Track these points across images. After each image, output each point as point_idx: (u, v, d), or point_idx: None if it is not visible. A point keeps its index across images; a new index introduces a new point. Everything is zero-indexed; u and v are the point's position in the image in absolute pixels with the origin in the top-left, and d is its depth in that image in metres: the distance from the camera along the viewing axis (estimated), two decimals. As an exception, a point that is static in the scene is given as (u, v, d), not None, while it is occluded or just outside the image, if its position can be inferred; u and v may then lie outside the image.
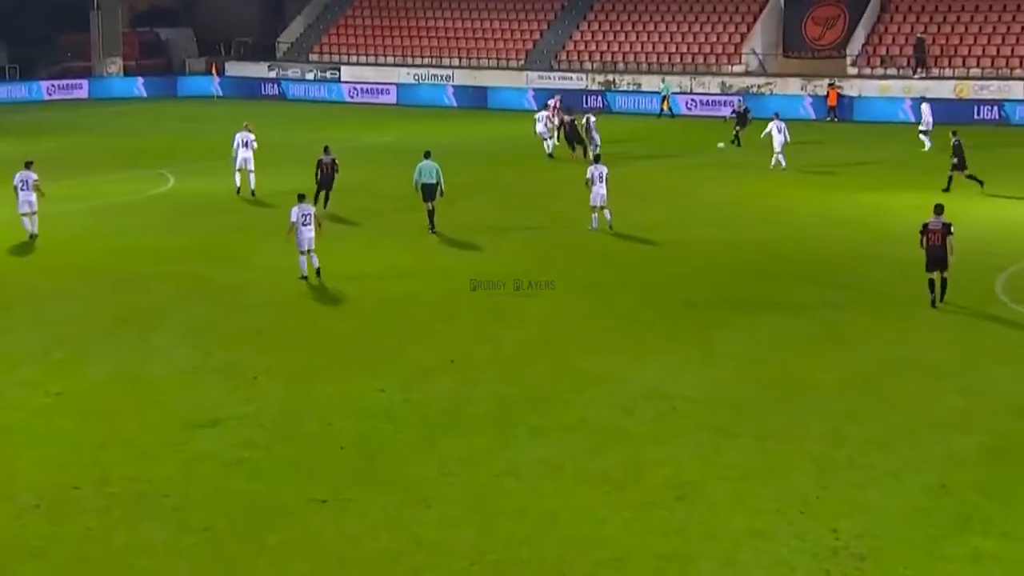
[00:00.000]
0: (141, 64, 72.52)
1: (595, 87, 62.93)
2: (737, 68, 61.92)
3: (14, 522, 13.38)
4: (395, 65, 68.42)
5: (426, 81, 66.21)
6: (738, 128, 45.37)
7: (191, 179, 38.06)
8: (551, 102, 43.61)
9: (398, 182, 34.38)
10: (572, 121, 42.06)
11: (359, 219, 31.31)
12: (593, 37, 66.71)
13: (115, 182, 37.60)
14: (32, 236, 28.02)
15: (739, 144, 44.52)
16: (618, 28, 66.33)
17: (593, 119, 41.65)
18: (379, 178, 38.25)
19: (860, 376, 18.66)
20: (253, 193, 34.32)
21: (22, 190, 27.90)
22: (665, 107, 57.17)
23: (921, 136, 44.26)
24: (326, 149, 32.65)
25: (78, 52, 71.23)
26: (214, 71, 68.09)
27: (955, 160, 34.66)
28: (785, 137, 39.69)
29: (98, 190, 36.07)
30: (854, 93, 56.84)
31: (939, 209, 22.68)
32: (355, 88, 66.50)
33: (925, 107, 45.54)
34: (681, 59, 63.53)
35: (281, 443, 15.89)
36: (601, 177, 29.28)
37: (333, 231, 29.48)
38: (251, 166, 34.45)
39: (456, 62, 67.57)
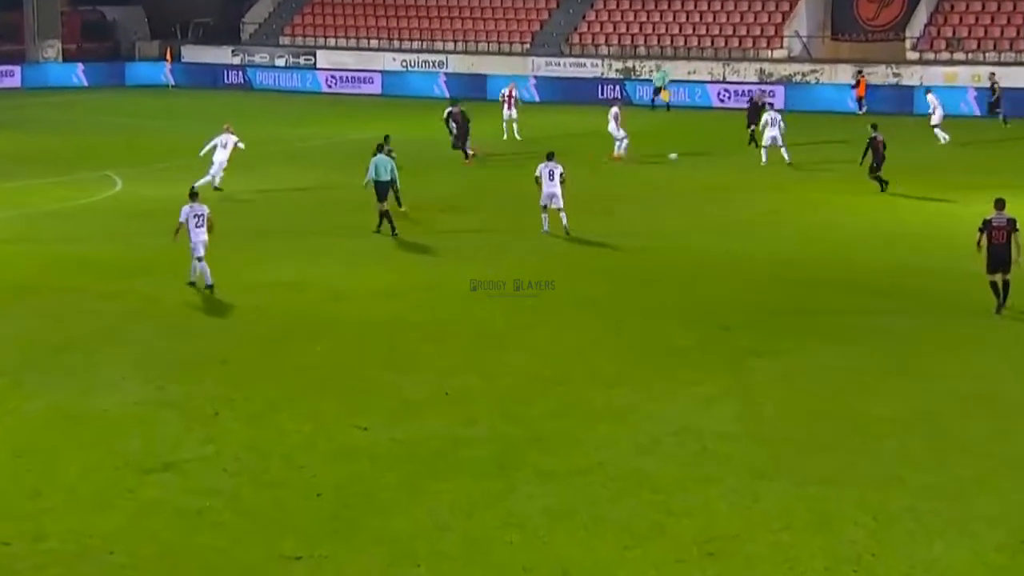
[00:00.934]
0: (83, 48, 72.75)
1: (612, 75, 63.21)
2: (778, 53, 62.18)
3: (-70, 585, 13.46)
4: (380, 50, 68.71)
5: (415, 68, 66.46)
6: (752, 127, 44.75)
7: (142, 182, 38.20)
8: (614, 109, 42.91)
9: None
10: (461, 112, 42.14)
11: (336, 229, 31.41)
12: (610, 17, 66.96)
13: (53, 186, 37.75)
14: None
15: (756, 144, 44.40)
16: (639, 7, 66.58)
17: (616, 110, 42.05)
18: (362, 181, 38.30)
19: (921, 413, 18.71)
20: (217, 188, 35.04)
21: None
22: (664, 98, 57.21)
23: (936, 131, 45.40)
24: (386, 139, 33.30)
25: (9, 34, 71.41)
26: (168, 56, 68.36)
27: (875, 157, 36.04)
28: (780, 130, 40.31)
29: (33, 195, 36.22)
30: (915, 81, 56.98)
31: (1001, 204, 22.83)
32: (333, 76, 66.79)
33: (932, 97, 46.35)
34: (712, 43, 63.78)
35: (247, 490, 15.94)
36: (551, 175, 30.03)
37: (310, 244, 29.62)
38: (220, 169, 35.39)
39: (451, 46, 67.81)
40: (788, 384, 20.02)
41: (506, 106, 47.53)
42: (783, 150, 40.44)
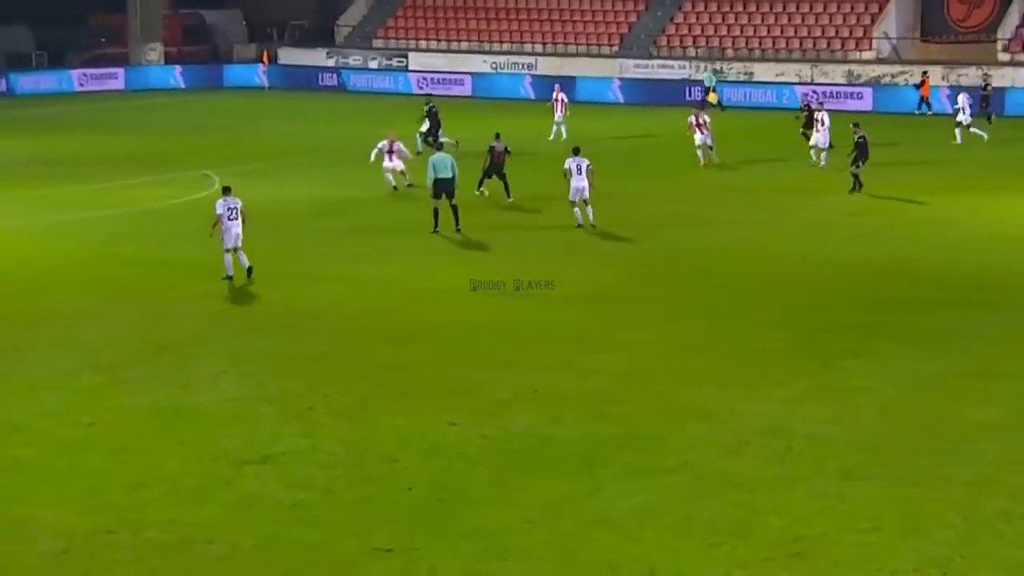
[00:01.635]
0: (183, 51, 73.71)
1: (699, 77, 62.80)
2: (866, 55, 61.47)
3: (40, 570, 13.69)
4: (470, 52, 68.87)
5: (504, 70, 66.56)
6: (805, 131, 43.73)
7: (238, 182, 38.48)
8: (693, 117, 41.52)
9: (472, 187, 34.63)
10: (433, 109, 42.47)
11: (423, 228, 31.56)
12: (698, 20, 66.60)
13: (153, 185, 38.29)
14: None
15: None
16: (727, 9, 66.13)
17: (707, 117, 41.78)
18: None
19: (1019, 416, 18.39)
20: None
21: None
22: (712, 99, 56.77)
23: (959, 129, 44.96)
24: (497, 136, 34.58)
25: (113, 36, 72.53)
26: (264, 59, 69.03)
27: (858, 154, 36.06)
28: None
29: (134, 195, 36.74)
30: (1006, 83, 56.03)
31: None
32: (424, 78, 67.05)
33: (963, 97, 45.86)
34: (800, 44, 63.19)
35: (341, 483, 16.08)
36: (580, 169, 30.55)
37: (398, 243, 29.78)
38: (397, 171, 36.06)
39: (539, 48, 67.83)
40: (878, 385, 19.79)
41: (557, 109, 47.36)
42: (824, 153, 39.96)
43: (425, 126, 41.78)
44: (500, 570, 13.78)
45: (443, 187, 29.99)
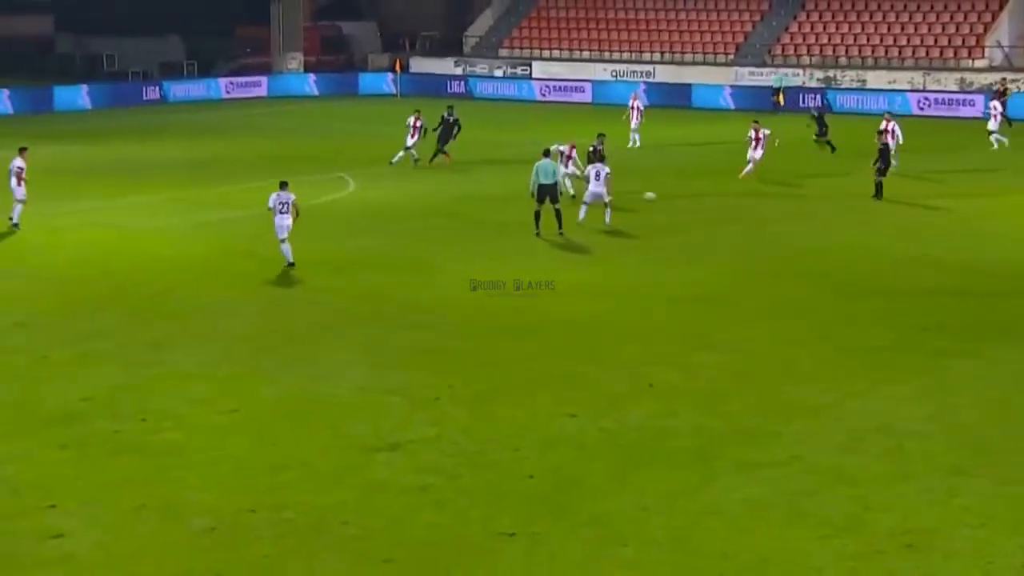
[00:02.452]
0: (322, 60, 74.78)
1: (813, 84, 62.03)
2: (979, 63, 60.16)
3: (190, 546, 13.98)
4: (590, 61, 68.81)
5: (624, 78, 66.39)
6: (817, 138, 43.14)
7: (372, 184, 39.05)
8: (753, 132, 38.83)
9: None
10: (452, 118, 41.84)
11: (544, 230, 31.61)
12: (812, 29, 65.77)
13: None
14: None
15: (833, 149, 43.03)
16: (841, 18, 65.23)
17: (767, 131, 39.18)
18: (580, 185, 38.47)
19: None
20: None
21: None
22: (780, 101, 56.02)
23: (993, 137, 44.41)
24: (600, 136, 34.82)
25: (257, 47, 73.87)
26: (397, 68, 69.70)
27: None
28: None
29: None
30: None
31: None
32: (547, 85, 67.17)
33: (996, 104, 45.50)
34: (913, 52, 62.07)
35: (465, 470, 16.16)
36: (598, 175, 30.63)
37: (512, 243, 29.86)
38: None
39: (657, 57, 67.53)
40: (986, 384, 19.37)
41: (633, 117, 46.65)
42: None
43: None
44: (618, 556, 13.74)
45: (546, 192, 30.03)
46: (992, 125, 45.10)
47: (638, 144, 46.11)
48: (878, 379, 19.69)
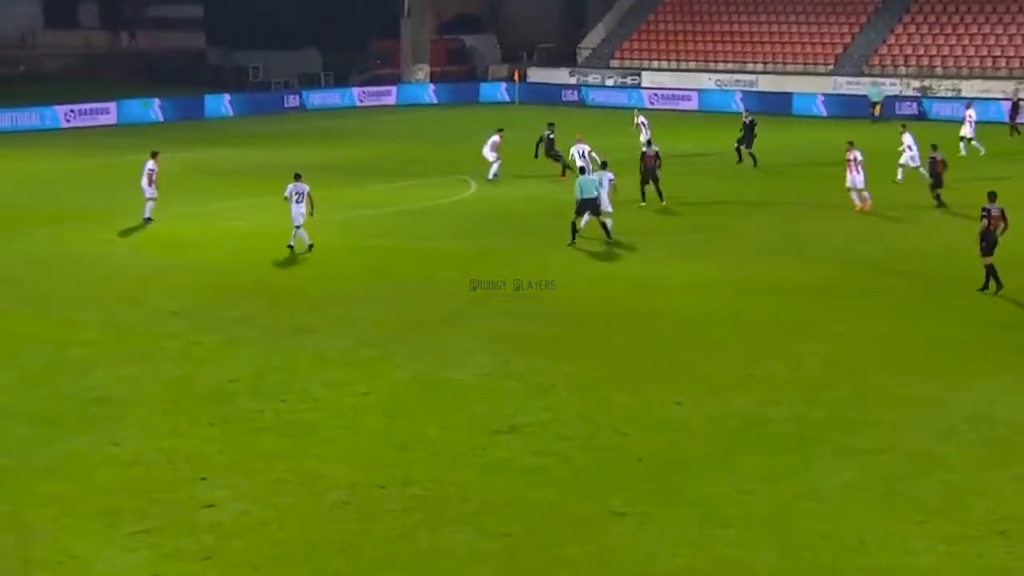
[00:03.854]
0: (446, 71, 75.28)
1: (910, 93, 60.75)
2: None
3: (327, 517, 14.18)
4: (697, 71, 68.20)
5: (729, 87, 65.72)
6: (739, 144, 41.69)
7: (492, 185, 39.16)
8: (850, 154, 33.77)
9: (692, 190, 34.35)
10: (550, 137, 40.36)
11: (651, 228, 31.46)
12: (909, 40, 64.40)
13: (418, 188, 39.15)
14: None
15: (756, 162, 41.56)
16: (938, 30, 63.75)
17: (860, 155, 34.76)
18: (672, 187, 38.24)
19: None
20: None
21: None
22: (877, 112, 54.70)
23: (969, 143, 41.82)
24: (649, 143, 35.05)
25: (387, 59, 74.64)
26: (515, 77, 69.82)
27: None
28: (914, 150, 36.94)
29: (402, 195, 37.64)
30: None
31: None
32: (656, 94, 66.72)
33: (971, 112, 43.05)
34: (1007, 63, 60.41)
35: (578, 452, 16.14)
36: (601, 183, 29.68)
37: (624, 243, 29.73)
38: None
39: (760, 67, 66.71)
40: (1076, 380, 18.79)
41: (643, 132, 45.00)
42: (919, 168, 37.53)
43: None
44: (721, 535, 13.61)
45: (588, 205, 29.39)
46: (967, 131, 43.15)
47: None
48: (973, 372, 19.23)
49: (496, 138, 40.15)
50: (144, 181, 32.21)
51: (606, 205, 29.97)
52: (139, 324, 22.60)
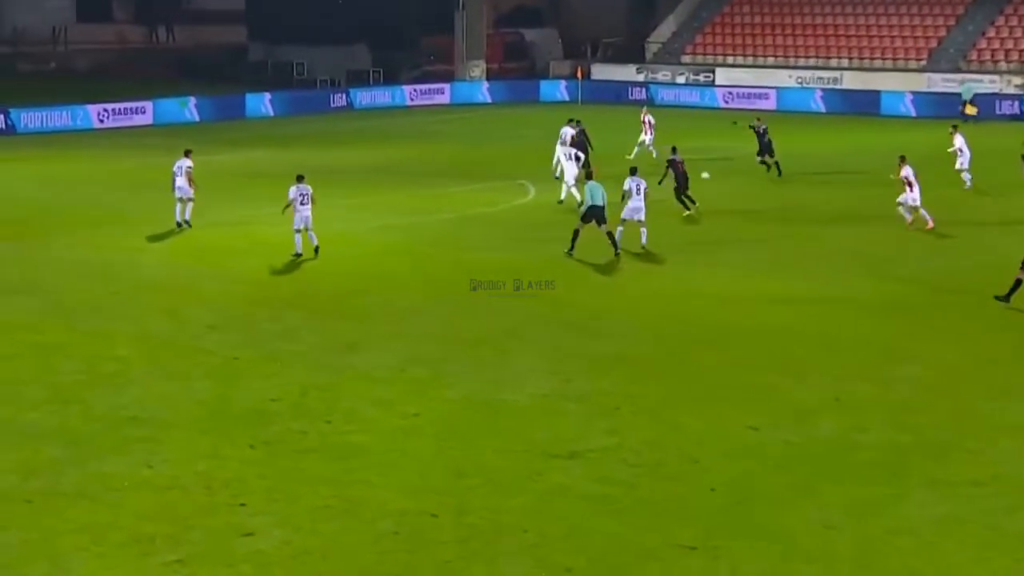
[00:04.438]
0: (504, 67, 75.43)
1: (1010, 90, 60.03)
2: None
3: (374, 547, 14.22)
4: (776, 67, 67.86)
5: (810, 84, 65.34)
6: (761, 157, 41.08)
7: (552, 190, 39.12)
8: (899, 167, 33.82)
9: (771, 199, 34.14)
10: (582, 131, 40.44)
11: (728, 238, 31.29)
12: (1011, 33, 63.64)
13: (475, 192, 39.25)
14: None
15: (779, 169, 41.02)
16: (1042, 23, 63.04)
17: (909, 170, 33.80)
18: (749, 194, 38.12)
19: None
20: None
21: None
22: (971, 111, 53.89)
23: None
24: (674, 150, 34.94)
25: (440, 55, 74.91)
26: (579, 74, 69.84)
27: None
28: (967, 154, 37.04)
29: (455, 201, 37.76)
30: None
31: None
32: (730, 92, 66.45)
33: (959, 138, 38.54)
34: (1117, 56, 59.61)
35: (644, 480, 16.08)
36: (638, 190, 29.53)
37: (694, 253, 29.61)
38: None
39: (845, 63, 66.24)
40: None
41: (645, 131, 44.59)
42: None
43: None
44: (802, 572, 13.51)
45: (595, 214, 29.25)
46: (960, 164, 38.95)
47: (655, 155, 44.24)
48: (1080, 398, 18.94)
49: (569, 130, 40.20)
50: (184, 180, 32.61)
51: (641, 214, 29.79)
52: (174, 338, 22.85)
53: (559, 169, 37.45)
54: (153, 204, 35.12)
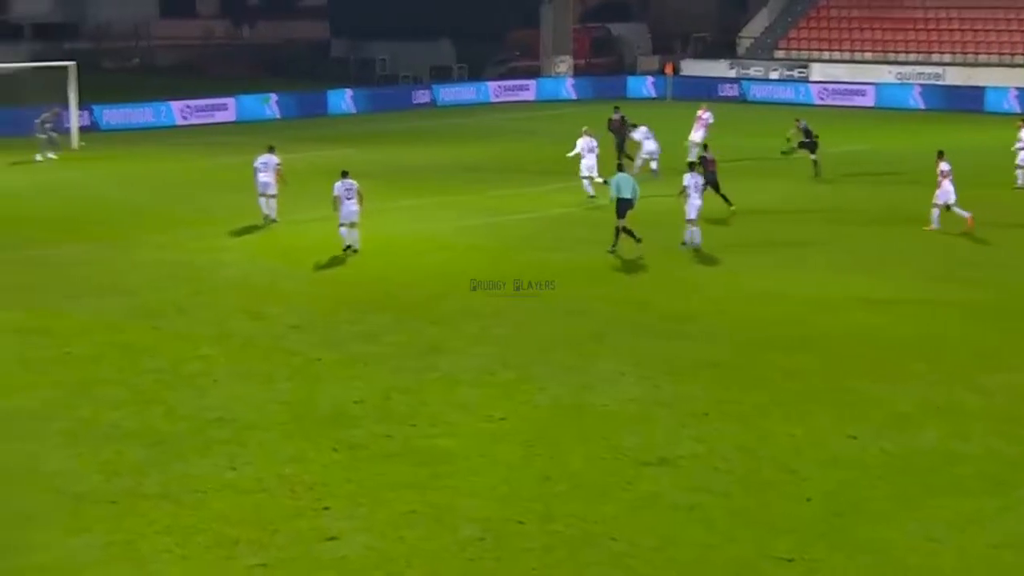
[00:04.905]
0: (591, 63, 75.35)
1: None
2: None
3: (459, 554, 14.29)
4: (874, 63, 67.12)
5: (911, 80, 64.55)
6: (813, 157, 40.71)
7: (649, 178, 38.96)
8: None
9: (867, 200, 33.66)
10: (622, 119, 41.02)
11: (819, 240, 30.99)
12: (1125, 25, 62.44)
13: (559, 192, 39.25)
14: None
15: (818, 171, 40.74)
16: None
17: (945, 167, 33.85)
18: (844, 194, 37.73)
19: None
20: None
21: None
22: None
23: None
24: (706, 147, 35.66)
25: (526, 49, 75.00)
26: (668, 70, 69.60)
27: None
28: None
29: (540, 200, 37.81)
30: None
31: None
32: (826, 89, 65.86)
33: None
34: None
35: (737, 489, 15.99)
36: (698, 186, 29.35)
37: (781, 254, 29.37)
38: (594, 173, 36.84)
39: (948, 58, 65.32)
40: None
41: (697, 127, 43.19)
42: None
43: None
44: (902, 588, 13.37)
45: (626, 207, 29.19)
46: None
47: (692, 156, 43.37)
48: None
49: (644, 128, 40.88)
50: (270, 176, 33.07)
51: (697, 211, 29.68)
52: (257, 338, 23.12)
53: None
54: (235, 203, 35.61)
